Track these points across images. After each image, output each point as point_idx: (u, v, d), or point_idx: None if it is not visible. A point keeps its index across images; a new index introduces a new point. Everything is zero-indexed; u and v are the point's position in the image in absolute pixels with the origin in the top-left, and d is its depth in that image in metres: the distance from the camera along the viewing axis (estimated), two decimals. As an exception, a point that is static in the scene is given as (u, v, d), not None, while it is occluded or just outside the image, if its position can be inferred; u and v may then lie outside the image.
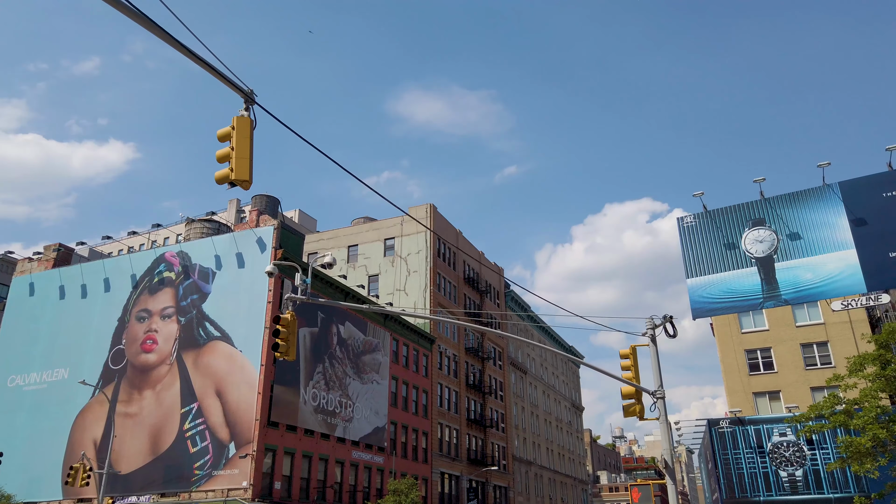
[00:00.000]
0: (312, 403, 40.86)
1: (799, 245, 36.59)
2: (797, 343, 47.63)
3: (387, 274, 61.14)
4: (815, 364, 46.76)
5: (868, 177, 35.64)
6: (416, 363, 53.72)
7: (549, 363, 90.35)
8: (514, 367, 75.60)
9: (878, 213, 34.72)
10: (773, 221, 37.61)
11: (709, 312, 38.27)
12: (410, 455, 50.34)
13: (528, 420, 76.62)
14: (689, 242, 39.55)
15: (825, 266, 35.48)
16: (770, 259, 36.92)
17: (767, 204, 38.03)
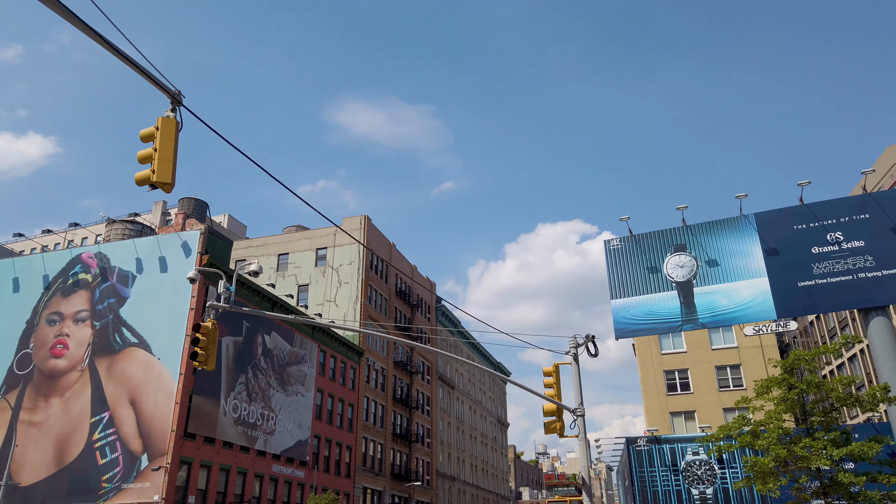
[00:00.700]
0: (233, 415, 39.66)
1: (716, 271, 38.27)
2: (712, 365, 49.71)
3: (317, 284, 60.27)
4: (728, 386, 48.88)
5: (781, 209, 37.69)
6: (343, 376, 53.02)
7: (477, 379, 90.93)
8: (443, 382, 75.69)
9: (789, 244, 36.73)
10: (694, 248, 39.23)
11: (631, 333, 39.43)
12: (333, 469, 49.50)
13: (453, 435, 76.72)
14: (614, 264, 40.74)
15: (740, 292, 37.22)
16: (689, 284, 38.46)
17: (689, 231, 39.64)
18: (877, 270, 34.42)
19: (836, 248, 35.63)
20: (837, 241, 35.71)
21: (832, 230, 35.94)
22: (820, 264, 35.63)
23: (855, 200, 36.41)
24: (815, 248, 35.95)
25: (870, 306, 34.37)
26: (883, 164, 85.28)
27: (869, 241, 34.94)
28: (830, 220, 36.12)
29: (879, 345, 33.85)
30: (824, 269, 35.55)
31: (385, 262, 64.82)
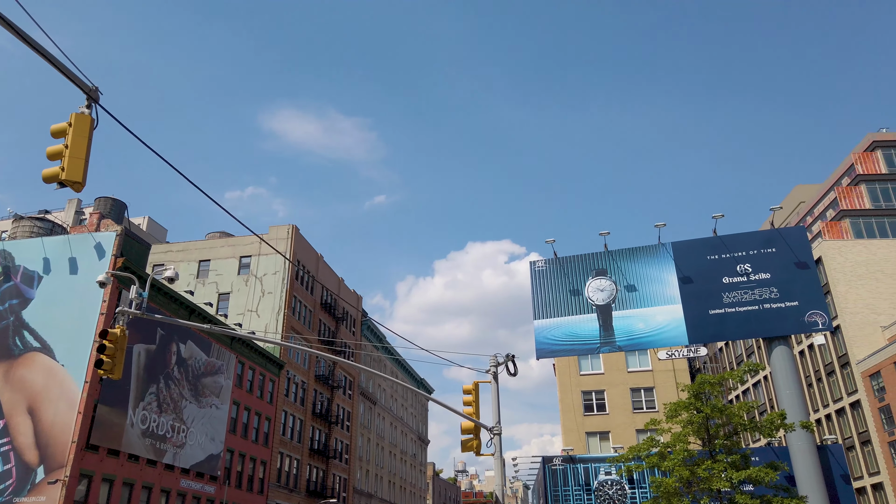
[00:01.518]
0: (141, 426, 37.86)
1: (634, 296, 39.64)
2: (628, 387, 51.29)
3: (239, 293, 58.62)
4: (641, 408, 50.50)
5: (696, 240, 39.51)
6: (261, 388, 51.60)
7: (400, 395, 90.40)
8: (364, 397, 74.83)
9: (702, 273, 38.50)
10: (614, 273, 40.54)
11: (551, 353, 40.23)
12: (245, 485, 47.93)
13: (373, 451, 75.82)
14: (539, 285, 41.59)
15: (655, 317, 38.67)
16: (609, 307, 39.67)
17: (610, 256, 40.94)
18: (780, 302, 36.54)
19: (744, 279, 37.62)
20: (746, 272, 37.74)
21: (742, 262, 37.95)
22: (729, 294, 37.52)
23: (763, 235, 38.62)
24: (726, 279, 37.86)
25: (773, 335, 36.44)
26: (790, 203, 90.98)
27: (774, 273, 37.10)
28: (740, 253, 38.13)
29: (780, 372, 35.88)
30: (733, 299, 37.47)
31: (311, 273, 63.80)
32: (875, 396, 58.35)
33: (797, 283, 36.56)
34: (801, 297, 36.19)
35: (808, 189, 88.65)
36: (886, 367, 56.70)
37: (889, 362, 56.37)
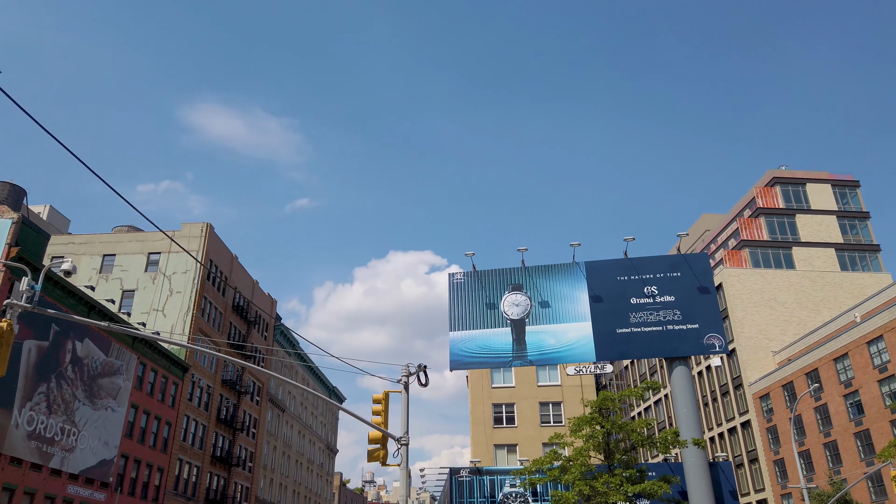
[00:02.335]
0: (27, 428, 35.38)
1: (548, 312, 40.63)
2: (537, 401, 52.38)
3: (145, 291, 56.00)
4: (549, 422, 51.65)
5: (608, 261, 40.98)
6: (163, 392, 49.36)
7: (310, 402, 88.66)
8: (273, 404, 72.92)
9: (612, 293, 39.94)
10: (530, 288, 41.44)
11: (465, 365, 40.60)
12: (139, 493, 45.60)
13: (278, 460, 73.88)
14: (456, 297, 41.96)
15: (566, 334, 39.75)
16: (523, 322, 40.47)
17: (526, 272, 41.82)
18: (682, 324, 38.37)
19: (651, 301, 39.30)
20: (653, 294, 39.43)
21: (649, 284, 39.64)
22: (636, 314, 39.09)
23: (670, 259, 40.52)
24: (634, 299, 39.44)
25: (674, 356, 38.19)
26: (696, 230, 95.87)
27: (678, 297, 38.96)
28: (648, 275, 39.82)
29: (679, 391, 37.61)
30: (640, 319, 39.05)
31: (224, 274, 61.78)
32: (764, 417, 62.10)
33: (698, 306, 38.52)
34: (702, 321, 38.13)
35: (713, 218, 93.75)
36: (775, 390, 60.51)
37: (778, 385, 60.20)
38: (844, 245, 73.30)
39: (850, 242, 73.66)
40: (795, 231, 74.06)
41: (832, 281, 70.07)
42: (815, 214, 74.93)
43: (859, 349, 51.62)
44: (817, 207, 75.44)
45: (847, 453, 51.82)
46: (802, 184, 76.84)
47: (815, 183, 77.05)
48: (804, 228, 74.00)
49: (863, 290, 67.98)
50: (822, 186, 76.90)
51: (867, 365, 50.68)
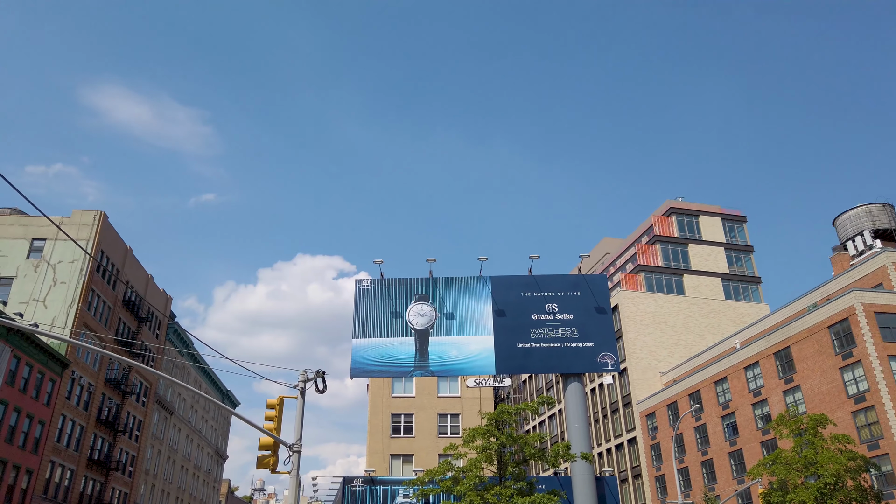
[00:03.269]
0: None
1: (452, 324, 41.01)
2: (436, 412, 52.63)
3: (25, 279, 52.00)
4: (446, 433, 51.98)
5: (512, 276, 41.93)
6: (38, 388, 45.86)
7: (201, 406, 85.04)
8: (161, 406, 69.38)
9: (515, 308, 40.86)
10: (436, 299, 41.69)
11: (366, 374, 40.24)
12: (3, 497, 42.01)
13: (162, 465, 70.25)
14: (361, 304, 41.58)
15: (469, 346, 40.25)
16: (427, 332, 40.63)
17: (434, 283, 42.07)
18: (579, 342, 39.77)
19: (551, 318, 40.49)
20: (553, 311, 40.67)
21: (550, 301, 40.86)
22: (537, 330, 40.17)
23: (571, 279, 41.96)
24: (535, 315, 40.51)
25: (570, 372, 39.48)
26: (597, 252, 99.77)
27: (577, 315, 40.37)
28: (550, 293, 41.05)
29: (572, 407, 38.88)
30: (539, 335, 40.15)
31: (116, 266, 58.38)
32: (649, 435, 65.19)
33: (595, 325, 40.06)
34: (597, 339, 39.66)
35: (613, 242, 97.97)
36: (660, 409, 63.71)
37: (663, 405, 63.42)
38: (730, 275, 78.42)
39: (735, 273, 78.89)
40: (687, 259, 78.52)
41: (717, 308, 74.75)
42: (705, 245, 79.77)
43: (737, 374, 55.24)
44: (708, 238, 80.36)
45: (721, 471, 55.18)
46: (696, 215, 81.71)
47: (707, 215, 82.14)
48: (695, 257, 78.58)
49: (743, 319, 72.95)
50: (714, 219, 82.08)
51: (743, 389, 54.28)
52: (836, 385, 45.60)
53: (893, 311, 44.59)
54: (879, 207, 68.60)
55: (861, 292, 45.39)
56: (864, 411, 43.32)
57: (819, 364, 47.26)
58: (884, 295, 45.27)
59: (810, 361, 48.12)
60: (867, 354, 43.38)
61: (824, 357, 46.91)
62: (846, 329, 45.44)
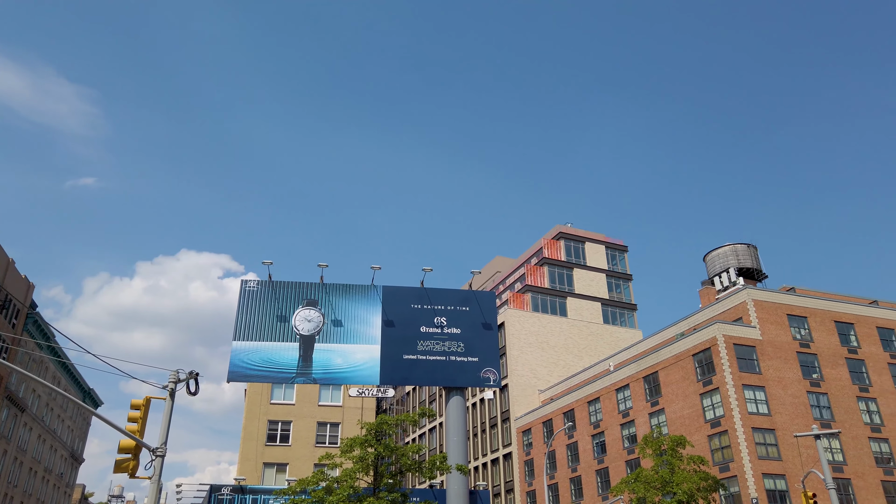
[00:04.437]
0: None
1: (339, 331, 40.43)
2: (315, 421, 51.53)
3: None
4: (324, 442, 50.99)
5: (404, 287, 42.02)
6: None
7: (58, 404, 78.63)
8: (12, 402, 63.45)
9: (404, 319, 40.92)
10: (325, 305, 40.98)
11: (245, 378, 38.81)
12: None
13: (8, 468, 64.16)
14: (246, 305, 40.14)
15: (354, 355, 39.82)
16: (312, 339, 39.81)
17: (324, 288, 41.36)
18: (464, 356, 40.40)
19: (438, 331, 40.90)
20: (441, 324, 41.11)
21: (439, 315, 41.29)
22: (424, 342, 40.43)
23: (461, 294, 42.64)
24: (424, 328, 40.77)
25: (453, 386, 39.99)
26: (489, 270, 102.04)
27: (464, 330, 41.03)
28: (440, 306, 41.50)
29: (452, 420, 39.34)
30: (426, 348, 40.43)
31: (-28, 246, 53.06)
32: (524, 450, 67.07)
33: (480, 341, 40.87)
34: (481, 355, 40.46)
35: (505, 261, 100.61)
36: (536, 426, 65.78)
37: (539, 422, 65.52)
38: (609, 301, 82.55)
39: (614, 300, 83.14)
40: (572, 283, 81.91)
41: (596, 331, 78.42)
42: (589, 270, 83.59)
43: (609, 395, 58.08)
44: (592, 265, 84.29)
45: (588, 488, 57.63)
46: (582, 242, 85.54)
47: (593, 243, 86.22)
48: (579, 282, 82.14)
49: (619, 343, 76.94)
50: (598, 247, 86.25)
51: (614, 409, 57.11)
52: (696, 410, 48.94)
53: (750, 343, 48.57)
54: (745, 248, 74.77)
55: (723, 325, 49.12)
56: (719, 435, 46.75)
57: (683, 389, 50.57)
58: (742, 328, 49.23)
59: (675, 386, 51.39)
60: (725, 382, 46.92)
61: (687, 383, 50.27)
62: (708, 358, 48.96)
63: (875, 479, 46.45)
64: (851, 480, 45.71)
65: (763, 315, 50.23)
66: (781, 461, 44.73)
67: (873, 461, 47.22)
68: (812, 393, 48.38)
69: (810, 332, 51.05)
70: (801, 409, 47.23)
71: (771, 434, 45.56)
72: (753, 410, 46.03)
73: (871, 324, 53.39)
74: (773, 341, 49.29)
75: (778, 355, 48.78)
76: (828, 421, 47.21)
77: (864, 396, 49.81)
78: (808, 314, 51.83)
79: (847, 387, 49.59)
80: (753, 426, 45.36)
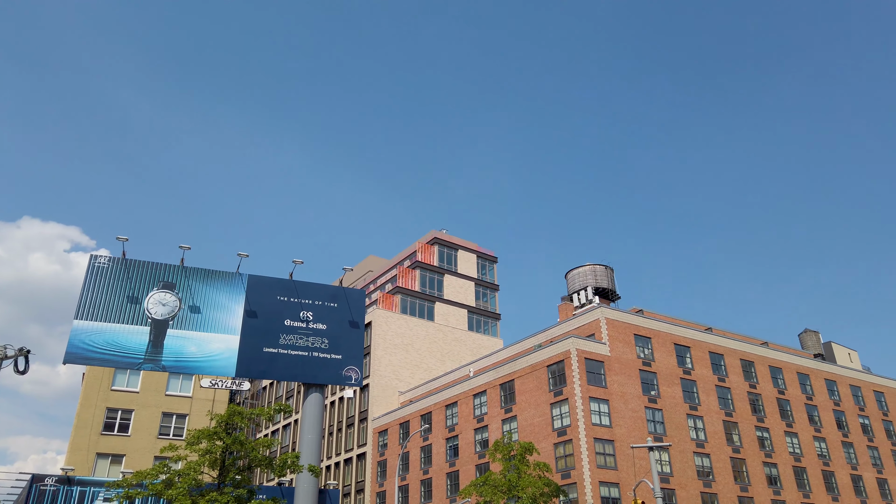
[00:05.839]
0: None
1: (197, 318, 38.43)
2: (161, 411, 48.53)
3: None
4: (168, 434, 48.19)
5: (271, 278, 40.75)
6: None
7: None
8: None
9: (268, 311, 39.65)
10: (183, 290, 38.81)
11: (85, 360, 35.88)
12: None
13: None
14: (94, 282, 37.20)
15: (211, 344, 38.01)
16: (165, 324, 37.54)
17: (184, 272, 39.20)
18: (328, 353, 39.83)
19: (304, 326, 40.04)
20: (307, 319, 40.28)
21: (306, 309, 40.44)
22: (287, 336, 39.41)
23: (331, 290, 42.01)
24: (288, 321, 39.75)
25: (313, 382, 39.29)
26: (361, 268, 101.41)
27: (330, 326, 40.46)
28: (307, 300, 40.65)
29: (309, 417, 38.62)
30: (289, 342, 39.43)
31: None
32: (378, 451, 67.11)
33: (346, 339, 40.50)
34: (345, 353, 40.10)
35: (378, 261, 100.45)
36: (393, 427, 66.06)
37: (396, 423, 65.85)
38: (476, 309, 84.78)
39: (480, 308, 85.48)
40: (442, 288, 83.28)
41: (460, 338, 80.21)
42: (459, 278, 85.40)
43: (466, 400, 59.55)
44: (462, 272, 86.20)
45: (438, 490, 58.66)
46: (456, 249, 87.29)
47: (465, 251, 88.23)
48: (448, 287, 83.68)
49: (480, 350, 79.16)
50: (470, 255, 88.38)
51: (470, 414, 58.62)
52: (545, 418, 51.35)
53: (599, 359, 51.75)
54: (602, 269, 79.69)
55: (577, 339, 51.99)
56: (564, 444, 49.34)
57: (535, 398, 52.89)
58: (594, 344, 52.36)
59: (529, 395, 53.65)
60: (574, 394, 49.63)
61: (540, 392, 52.65)
62: (561, 370, 51.58)
63: (696, 491, 51.02)
64: (676, 491, 49.89)
65: (613, 333, 53.71)
66: (617, 470, 47.96)
67: (696, 474, 51.85)
68: (649, 408, 52.33)
69: (653, 352, 55.25)
70: (639, 422, 50.94)
71: (610, 445, 48.73)
72: (597, 422, 49.02)
73: (704, 348, 58.72)
74: (620, 358, 52.85)
75: (623, 371, 52.34)
76: (660, 435, 51.25)
77: (693, 414, 54.61)
78: (652, 335, 56.07)
79: (679, 405, 54.14)
80: (595, 437, 48.30)
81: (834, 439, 62.20)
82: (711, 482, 52.27)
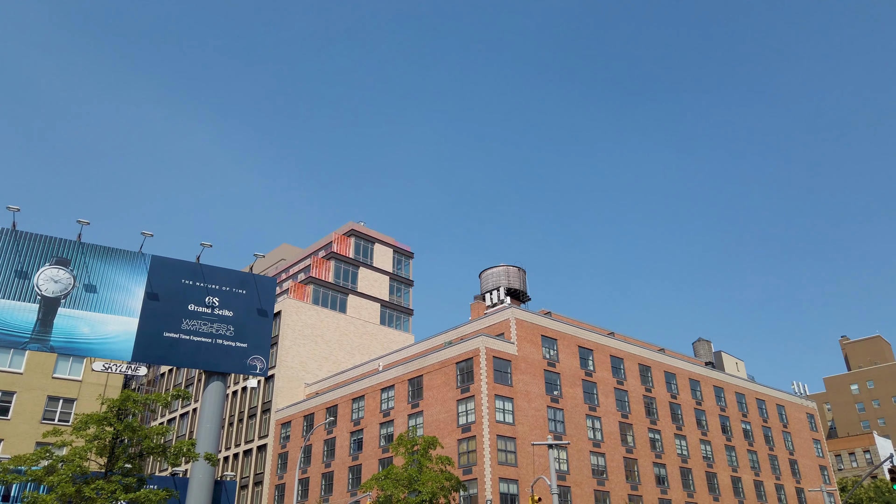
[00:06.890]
0: None
1: (92, 298, 36.36)
2: (46, 394, 45.69)
3: None
4: (53, 419, 45.44)
5: (176, 260, 39.05)
6: None
7: None
8: None
9: (172, 294, 37.96)
10: (78, 267, 36.63)
11: (-38, 337, 33.18)
12: None
13: None
14: (-22, 255, 34.43)
15: (106, 326, 36.05)
16: (57, 301, 35.34)
17: (81, 248, 37.03)
18: (233, 341, 38.61)
19: (209, 311, 38.63)
20: (213, 305, 38.87)
21: (212, 294, 39.02)
22: (190, 321, 37.89)
23: (239, 276, 40.70)
24: (192, 306, 38.22)
25: (216, 370, 37.99)
26: (274, 256, 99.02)
27: (237, 313, 39.20)
28: (214, 286, 39.23)
29: (208, 406, 37.34)
30: (192, 327, 37.91)
31: None
32: (280, 443, 65.76)
33: (252, 327, 39.38)
34: (251, 341, 39.01)
35: (292, 250, 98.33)
36: (297, 419, 64.91)
37: (301, 415, 64.74)
38: (389, 303, 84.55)
39: (393, 302, 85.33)
40: (356, 281, 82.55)
41: (371, 331, 79.75)
42: (374, 271, 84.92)
43: (374, 394, 59.33)
44: (378, 266, 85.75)
45: (339, 484, 58.15)
46: (372, 242, 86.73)
47: (382, 244, 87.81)
48: (363, 280, 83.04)
49: (391, 345, 79.03)
50: (386, 249, 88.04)
51: (376, 408, 58.43)
52: (451, 414, 51.91)
53: (507, 358, 52.81)
54: (515, 270, 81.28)
55: (486, 338, 52.84)
56: (467, 440, 50.06)
57: (442, 394, 53.36)
58: (503, 343, 53.39)
59: (436, 391, 54.06)
60: (480, 391, 50.44)
61: (447, 389, 53.17)
62: (469, 367, 52.28)
63: (590, 488, 53.00)
64: (571, 488, 51.65)
65: (522, 333, 54.95)
66: (517, 467, 49.13)
67: (591, 472, 53.86)
68: (551, 408, 53.90)
69: (558, 353, 56.93)
70: (541, 421, 52.37)
71: (512, 442, 49.85)
72: (501, 419, 50.02)
73: (606, 352, 61.07)
74: (527, 358, 54.14)
75: (528, 371, 53.64)
76: (560, 434, 52.90)
77: (592, 415, 56.70)
78: (558, 337, 57.76)
79: (580, 405, 56.07)
80: (498, 433, 49.28)
81: (718, 443, 66.19)
82: (605, 480, 54.45)
